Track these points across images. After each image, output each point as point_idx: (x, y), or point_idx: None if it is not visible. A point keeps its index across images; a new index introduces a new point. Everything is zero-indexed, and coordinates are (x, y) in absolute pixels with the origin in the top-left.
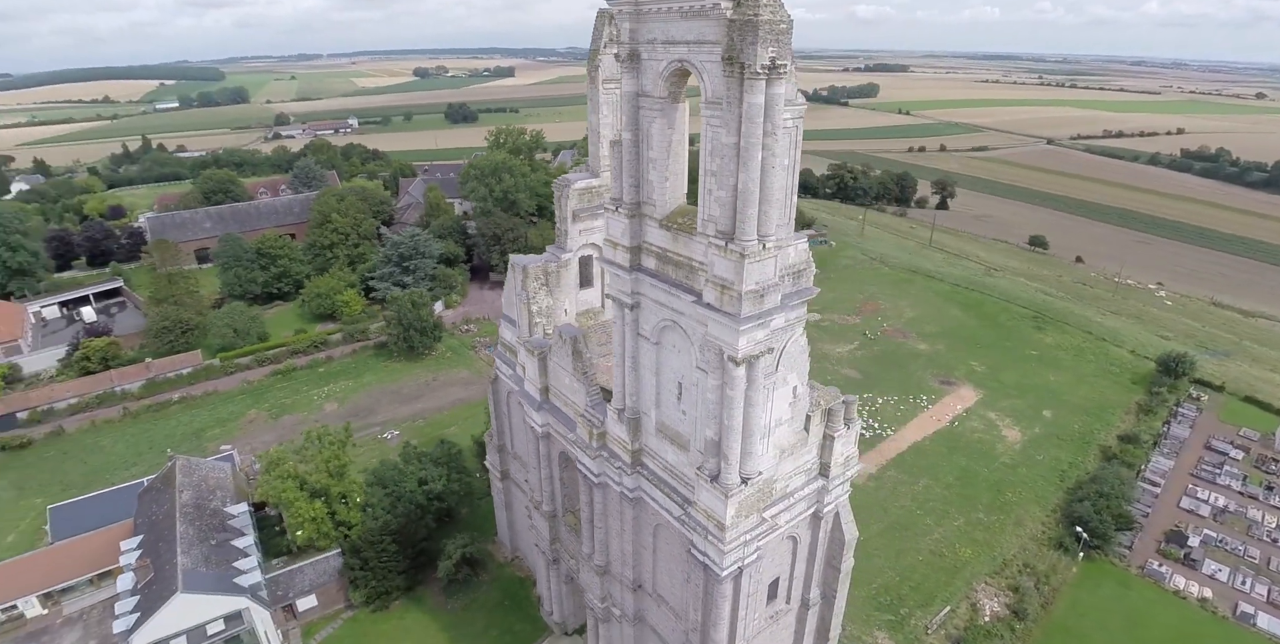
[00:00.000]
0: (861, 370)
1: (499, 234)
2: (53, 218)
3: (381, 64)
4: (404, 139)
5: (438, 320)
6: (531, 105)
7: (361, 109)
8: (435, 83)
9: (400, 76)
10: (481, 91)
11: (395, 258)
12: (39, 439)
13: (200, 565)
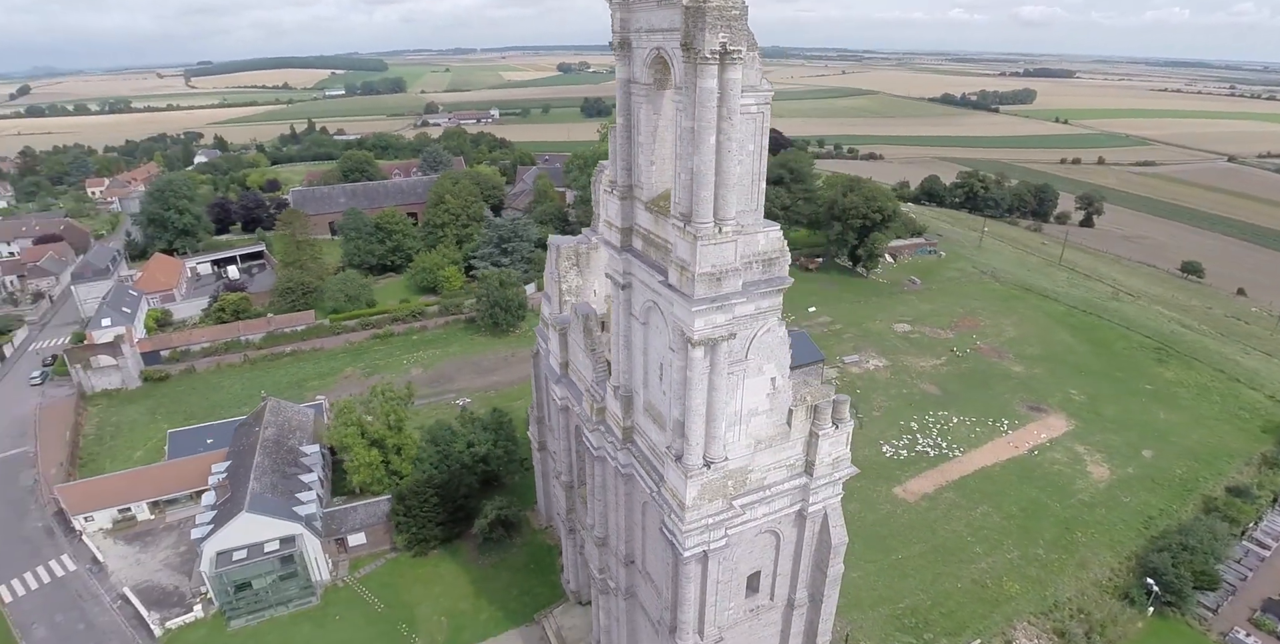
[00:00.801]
0: (942, 387)
1: None
2: (220, 187)
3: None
4: (538, 130)
5: (524, 300)
6: None
7: (505, 101)
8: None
9: (545, 71)
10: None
11: (496, 239)
12: (175, 375)
13: (267, 492)
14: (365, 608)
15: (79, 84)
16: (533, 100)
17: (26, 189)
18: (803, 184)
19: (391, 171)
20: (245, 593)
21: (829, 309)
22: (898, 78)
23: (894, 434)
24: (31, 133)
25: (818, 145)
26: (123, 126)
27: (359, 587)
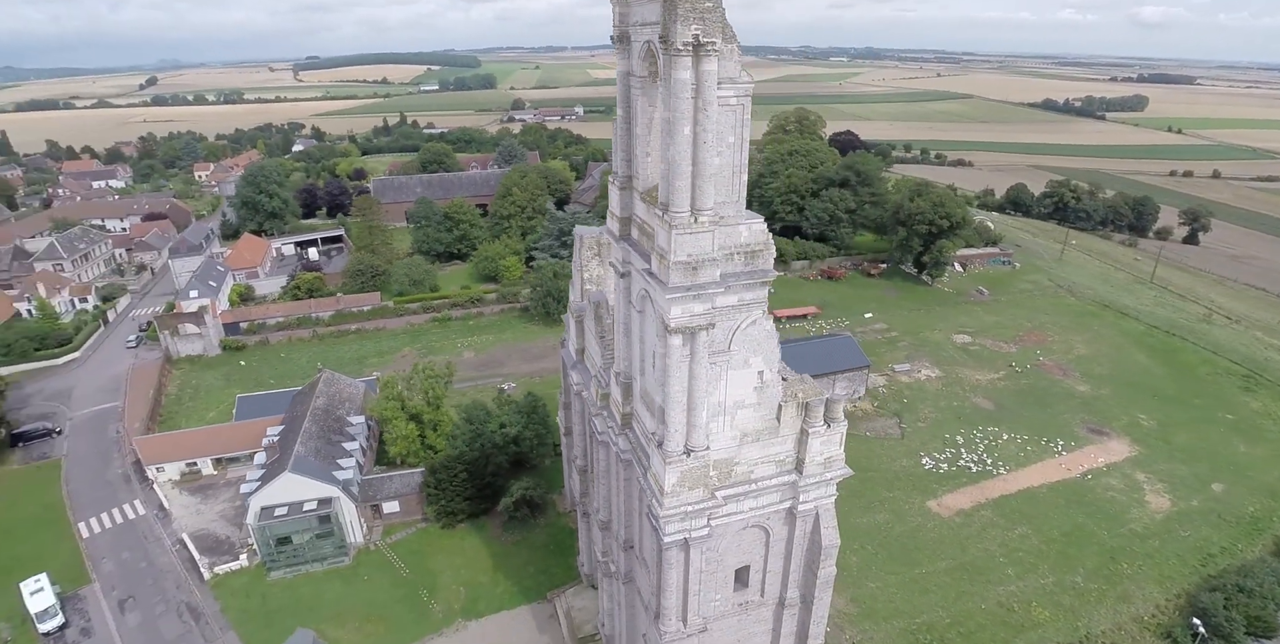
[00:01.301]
0: (996, 402)
1: None
2: (312, 174)
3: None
4: None
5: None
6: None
7: (590, 98)
8: None
9: None
10: None
11: (556, 232)
12: (250, 345)
13: (310, 456)
14: (392, 572)
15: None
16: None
17: (143, 171)
18: (870, 187)
19: (469, 164)
20: (285, 547)
21: (887, 316)
22: (996, 81)
23: (936, 447)
24: (155, 120)
25: (903, 150)
26: (234, 116)
27: (388, 551)
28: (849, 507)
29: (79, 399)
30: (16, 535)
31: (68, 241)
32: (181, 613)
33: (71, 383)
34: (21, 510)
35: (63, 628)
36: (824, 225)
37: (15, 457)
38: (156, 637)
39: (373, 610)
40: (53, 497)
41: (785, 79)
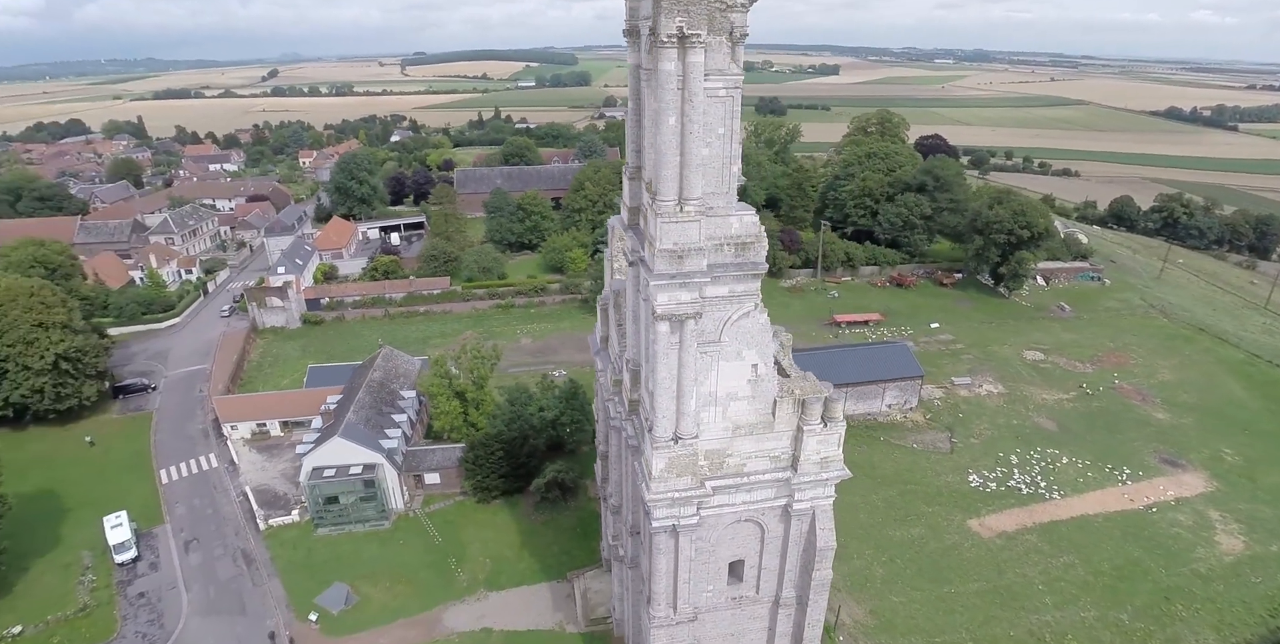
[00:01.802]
0: (1060, 423)
1: None
2: (403, 164)
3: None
4: None
5: None
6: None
7: None
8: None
9: None
10: (800, 88)
11: None
12: (328, 321)
13: (360, 424)
14: (426, 538)
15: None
16: None
17: (254, 156)
18: (948, 193)
19: (550, 158)
20: (332, 506)
21: (955, 327)
22: (1116, 87)
23: (987, 465)
24: (273, 110)
25: (1004, 157)
26: (343, 107)
27: (426, 519)
28: (883, 518)
29: (174, 360)
30: (106, 476)
31: (179, 218)
32: (236, 558)
33: (170, 345)
34: (114, 455)
35: (135, 560)
36: (897, 231)
37: (115, 407)
38: (212, 576)
39: (404, 572)
40: (141, 445)
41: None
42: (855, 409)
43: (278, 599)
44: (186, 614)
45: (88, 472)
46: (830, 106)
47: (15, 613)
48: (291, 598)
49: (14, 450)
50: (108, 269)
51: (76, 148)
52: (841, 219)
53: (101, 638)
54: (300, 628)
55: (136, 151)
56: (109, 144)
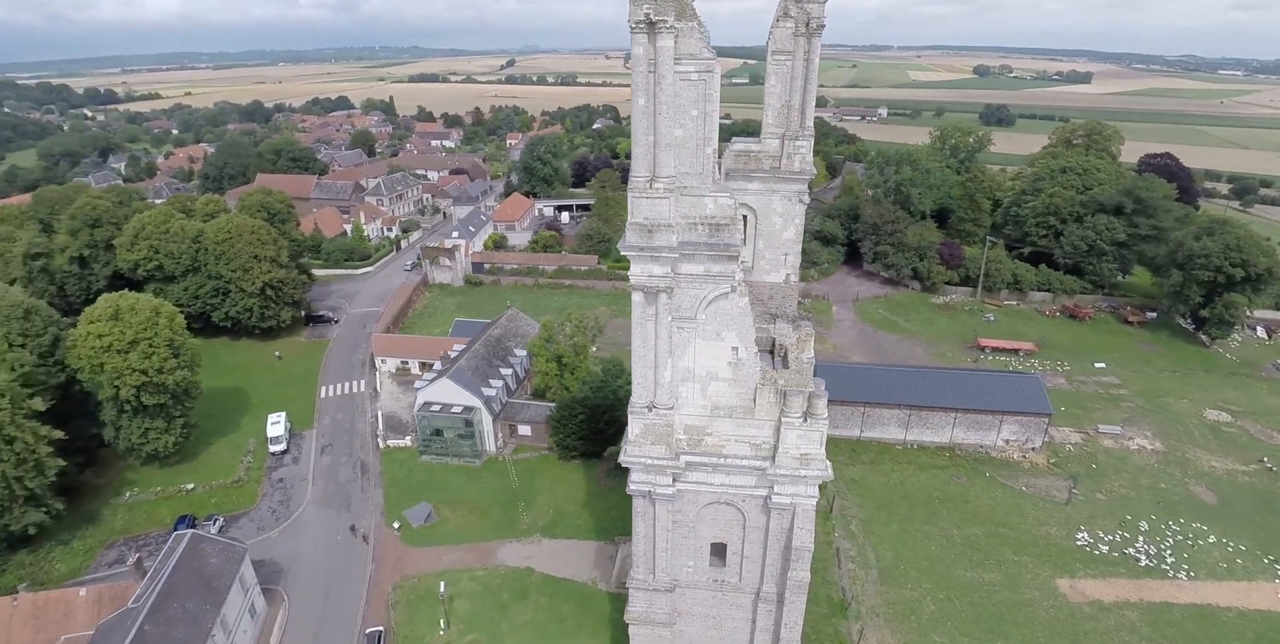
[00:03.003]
0: (1222, 498)
1: (878, 224)
2: (595, 150)
3: (945, 59)
4: (904, 133)
5: None
6: (1093, 116)
7: (901, 101)
8: (993, 82)
9: (959, 73)
10: (1040, 96)
11: None
12: (486, 283)
13: (468, 371)
14: (506, 481)
15: (550, 60)
16: (930, 102)
17: (469, 136)
18: (1151, 219)
19: None
20: (436, 438)
21: (1125, 371)
22: None
23: (1106, 525)
24: (503, 96)
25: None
26: (563, 96)
27: (511, 465)
28: (956, 555)
29: (359, 301)
30: (283, 384)
31: (390, 183)
32: (356, 466)
33: (359, 288)
34: (292, 369)
35: (283, 453)
36: (1081, 256)
37: (304, 332)
38: (334, 477)
39: (479, 505)
40: (314, 364)
41: (1145, 93)
42: (964, 438)
43: (375, 505)
44: (307, 501)
45: (271, 379)
46: (1069, 118)
47: (193, 475)
48: (386, 506)
49: (226, 355)
50: (327, 221)
51: (339, 120)
52: (1019, 238)
53: (245, 506)
54: (384, 531)
55: (382, 126)
56: (364, 118)
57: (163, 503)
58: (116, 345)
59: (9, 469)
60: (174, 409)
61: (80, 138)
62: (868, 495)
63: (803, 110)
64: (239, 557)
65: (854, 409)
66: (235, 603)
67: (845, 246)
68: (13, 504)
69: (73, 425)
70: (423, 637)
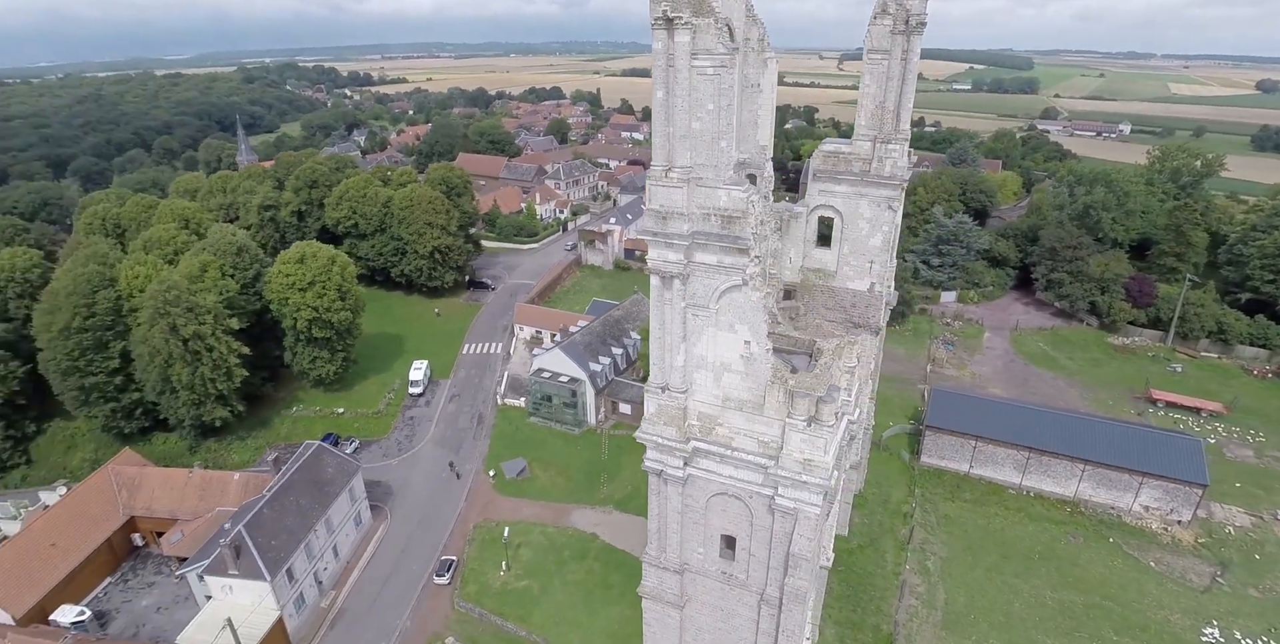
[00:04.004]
0: None
1: (1056, 248)
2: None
3: (1220, 71)
4: None
5: (910, 296)
6: None
7: (1153, 117)
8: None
9: (1236, 87)
10: None
11: (934, 239)
12: (632, 268)
13: (579, 346)
14: (597, 453)
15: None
16: (1188, 120)
17: None
18: None
19: (923, 162)
20: (545, 403)
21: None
22: None
23: (1250, 627)
24: None
25: None
26: None
27: (605, 438)
28: (1040, 618)
29: (518, 273)
30: (434, 337)
31: (569, 169)
32: (474, 417)
33: (521, 262)
34: (446, 326)
35: (419, 395)
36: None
37: (464, 295)
38: (454, 423)
39: (567, 470)
40: (465, 324)
41: None
42: (1092, 494)
43: (480, 452)
44: (427, 439)
45: (427, 331)
46: None
47: (345, 401)
48: (489, 455)
49: (397, 307)
50: (506, 199)
51: (548, 109)
52: (1238, 281)
53: (379, 434)
54: (480, 477)
55: (583, 116)
56: (570, 108)
57: (318, 420)
58: (298, 284)
59: (206, 371)
60: (337, 343)
61: (335, 113)
62: (958, 534)
63: (897, 112)
64: (351, 471)
65: (964, 441)
66: (342, 509)
67: (1017, 270)
68: (206, 400)
69: (262, 347)
70: (485, 572)
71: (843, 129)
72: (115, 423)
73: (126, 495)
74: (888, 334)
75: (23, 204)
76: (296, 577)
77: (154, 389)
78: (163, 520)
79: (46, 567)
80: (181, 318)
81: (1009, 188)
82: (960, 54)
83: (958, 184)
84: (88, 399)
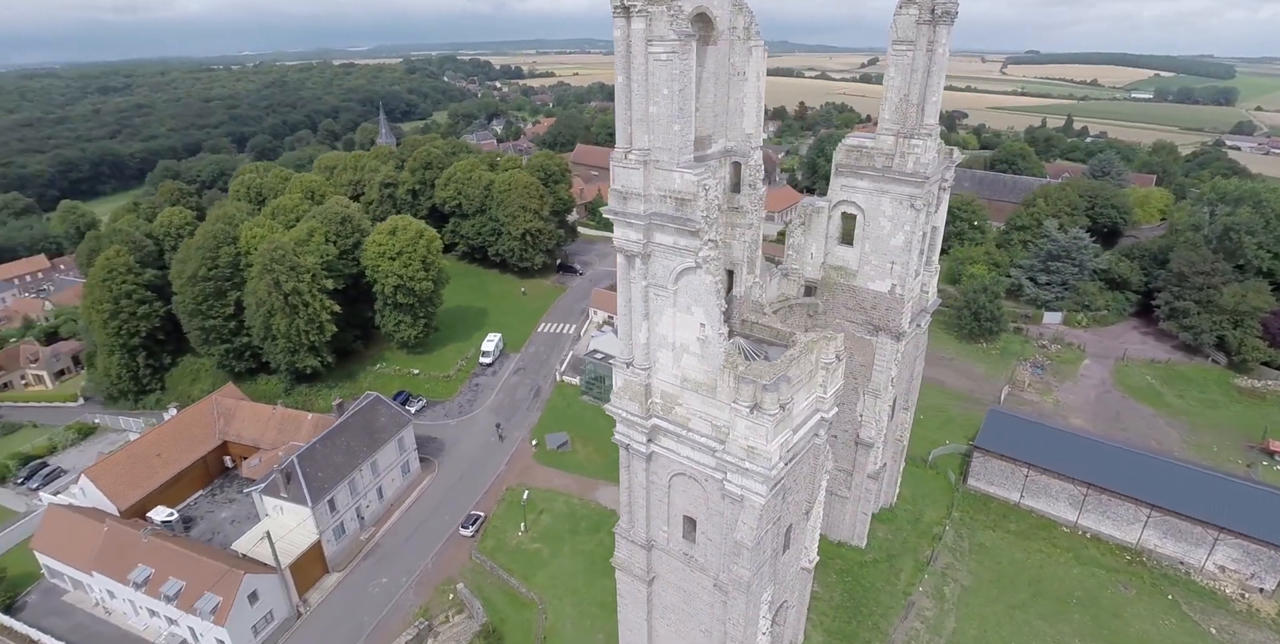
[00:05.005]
0: None
1: (1185, 273)
2: None
3: None
4: None
5: (1000, 315)
6: None
7: None
8: None
9: None
10: None
11: (1045, 254)
12: None
13: None
14: None
15: None
16: None
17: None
18: None
19: (1060, 173)
20: (596, 383)
21: None
22: None
23: None
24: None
25: None
26: None
27: None
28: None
29: (608, 261)
30: (515, 314)
31: None
32: (532, 389)
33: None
34: (528, 304)
35: (488, 365)
36: None
37: (552, 277)
38: (513, 393)
39: (605, 448)
40: (546, 304)
41: None
42: (1158, 545)
43: (530, 423)
44: (486, 406)
45: (510, 308)
46: None
47: (422, 364)
48: (537, 425)
49: (489, 283)
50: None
51: None
52: None
53: (445, 396)
54: (524, 444)
55: None
56: None
57: (396, 378)
58: (388, 253)
59: (301, 323)
60: (419, 310)
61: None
62: (989, 565)
63: (922, 106)
64: (403, 424)
65: (1015, 468)
66: (389, 456)
67: (1139, 295)
68: (300, 348)
69: (357, 307)
70: (505, 531)
71: (985, 137)
72: (228, 362)
73: (223, 423)
74: (970, 351)
75: (205, 173)
76: (338, 508)
77: (258, 335)
78: (248, 447)
79: (150, 472)
80: (284, 275)
81: (1152, 205)
82: (1146, 60)
83: (1084, 197)
84: (207, 339)
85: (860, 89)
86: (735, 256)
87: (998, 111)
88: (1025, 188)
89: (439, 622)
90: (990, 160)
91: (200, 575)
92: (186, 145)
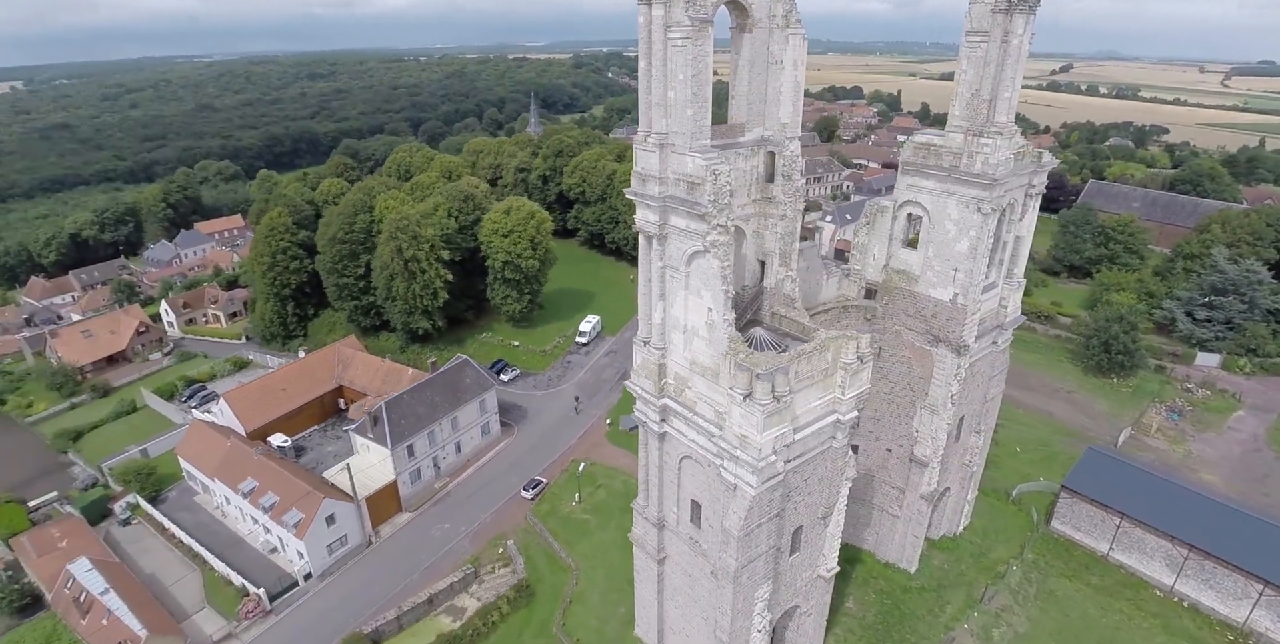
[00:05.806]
0: None
1: None
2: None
3: None
4: None
5: (1138, 349)
6: None
7: None
8: None
9: None
10: None
11: (1208, 287)
12: None
13: None
14: None
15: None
16: None
17: None
18: None
19: (1261, 199)
20: None
21: None
22: None
23: None
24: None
25: None
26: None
27: None
28: None
29: None
30: (620, 299)
31: (812, 166)
32: (620, 372)
33: None
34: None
35: (584, 345)
36: None
37: None
38: (601, 373)
39: None
40: None
41: None
42: (1269, 628)
43: (610, 403)
44: (573, 383)
45: (615, 293)
46: None
47: (523, 337)
48: (616, 406)
49: (604, 269)
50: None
51: (839, 109)
52: None
53: (538, 369)
54: (598, 421)
55: (871, 118)
56: (863, 109)
57: (498, 348)
58: (500, 231)
59: (417, 289)
60: (525, 287)
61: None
62: (1054, 616)
63: (993, 101)
64: (486, 386)
65: (1107, 515)
66: (469, 416)
67: None
68: (414, 311)
69: (472, 279)
70: (561, 499)
71: (1181, 155)
72: (356, 317)
73: (341, 369)
74: (1096, 385)
75: (378, 152)
76: (416, 455)
77: (381, 295)
78: (359, 393)
79: (275, 403)
80: (406, 243)
81: None
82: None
83: (1273, 227)
84: (341, 295)
85: (1047, 98)
86: (768, 247)
87: (1209, 128)
88: (1206, 212)
89: (485, 571)
90: (1170, 179)
91: (291, 493)
92: (370, 127)
